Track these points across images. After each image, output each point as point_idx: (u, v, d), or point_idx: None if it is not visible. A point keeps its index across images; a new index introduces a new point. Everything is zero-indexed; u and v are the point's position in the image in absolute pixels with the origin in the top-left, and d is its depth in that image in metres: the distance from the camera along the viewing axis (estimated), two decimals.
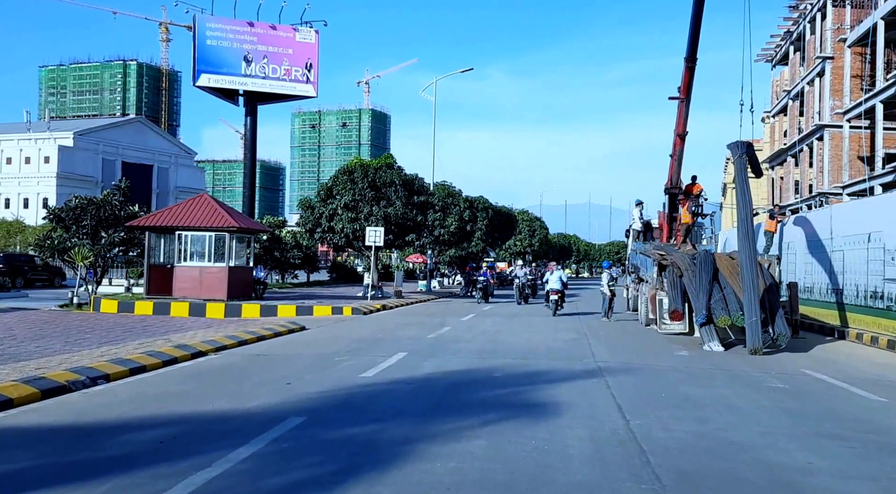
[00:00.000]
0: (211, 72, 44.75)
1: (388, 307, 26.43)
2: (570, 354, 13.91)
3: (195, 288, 25.08)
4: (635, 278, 24.54)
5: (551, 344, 15.79)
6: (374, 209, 30.53)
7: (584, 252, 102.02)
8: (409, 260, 66.83)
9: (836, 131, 41.83)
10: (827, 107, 42.22)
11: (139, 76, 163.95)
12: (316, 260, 43.00)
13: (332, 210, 31.01)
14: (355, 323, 20.28)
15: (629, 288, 26.61)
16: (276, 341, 15.76)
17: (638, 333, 18.54)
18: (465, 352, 13.88)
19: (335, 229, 30.96)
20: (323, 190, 31.78)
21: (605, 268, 23.99)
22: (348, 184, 31.17)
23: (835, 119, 41.87)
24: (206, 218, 25.45)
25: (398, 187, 31.31)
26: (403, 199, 31.18)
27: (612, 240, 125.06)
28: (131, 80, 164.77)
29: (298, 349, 14.25)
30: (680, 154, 25.18)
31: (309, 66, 46.93)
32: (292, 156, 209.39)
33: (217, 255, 25.51)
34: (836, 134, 41.72)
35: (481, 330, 18.54)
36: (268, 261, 38.45)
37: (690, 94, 24.75)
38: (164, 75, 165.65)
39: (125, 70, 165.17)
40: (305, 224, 31.59)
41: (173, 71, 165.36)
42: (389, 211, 30.59)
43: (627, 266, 27.17)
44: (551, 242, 77.88)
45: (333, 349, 14.14)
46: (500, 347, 14.89)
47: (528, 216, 66.63)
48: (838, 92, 41.84)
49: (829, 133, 41.93)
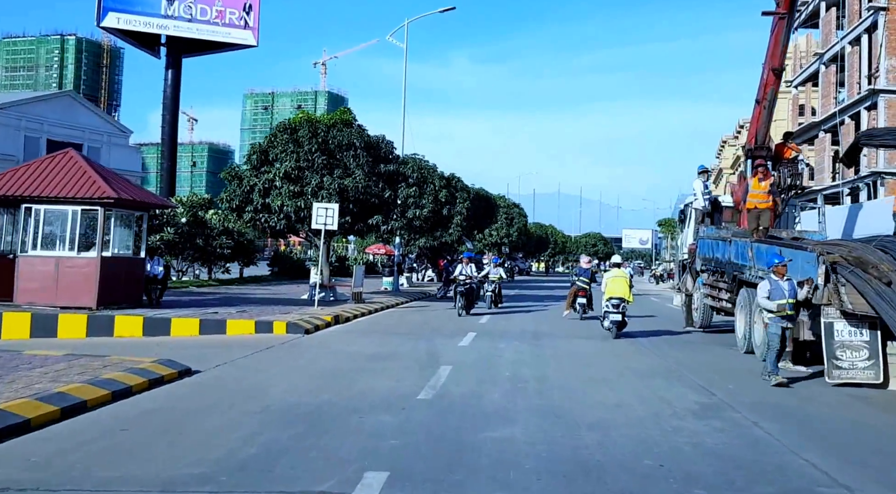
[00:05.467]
0: (121, 9, 35.39)
1: (344, 318, 18.11)
2: (759, 474, 5.84)
3: (49, 289, 16.45)
4: (710, 280, 16.60)
5: (680, 427, 7.59)
6: (325, 180, 22.14)
7: (561, 244, 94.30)
8: (368, 251, 58.32)
9: (893, 98, 34.45)
10: (883, 68, 34.80)
11: (77, 52, 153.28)
12: (252, 249, 34.28)
13: (267, 181, 22.53)
14: (286, 357, 11.96)
15: (685, 293, 18.65)
16: (100, 414, 7.44)
17: (785, 388, 10.48)
18: (518, 470, 5.74)
19: (272, 207, 22.50)
20: (255, 154, 23.26)
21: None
22: (290, 145, 22.68)
23: (893, 81, 34.48)
24: (69, 184, 16.80)
25: (359, 151, 22.94)
26: (366, 168, 22.84)
27: (587, 232, 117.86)
28: (69, 57, 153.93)
29: (116, 457, 5.90)
30: (772, 99, 17.27)
31: (248, 8, 37.88)
32: (242, 139, 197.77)
33: (84, 241, 16.92)
34: (893, 101, 34.35)
35: (508, 377, 10.35)
36: (186, 252, 29.75)
37: (795, 6, 16.90)
38: (105, 51, 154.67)
39: (63, 45, 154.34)
40: (231, 200, 23.08)
41: (115, 47, 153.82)
42: (347, 182, 22.23)
43: (687, 262, 19.12)
44: (530, 233, 70.00)
45: (201, 456, 5.86)
46: (584, 444, 6.69)
47: (506, 202, 58.58)
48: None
49: (885, 100, 34.54)
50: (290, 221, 23.02)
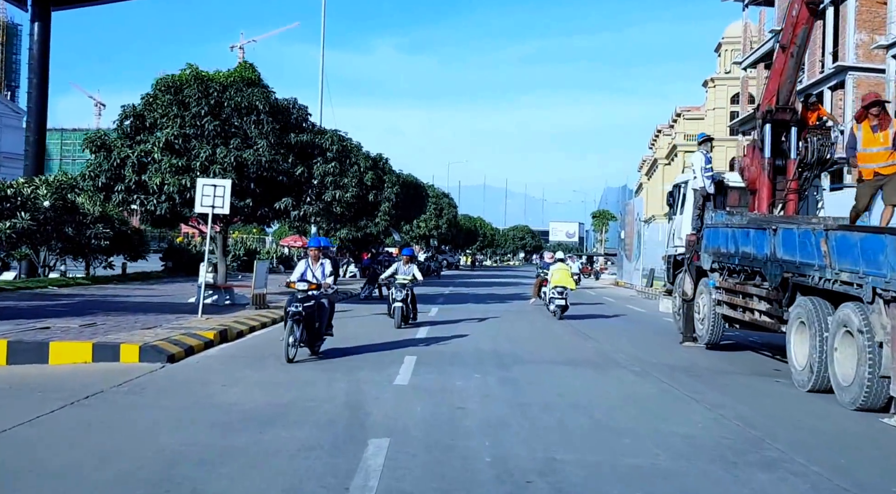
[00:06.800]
0: None
1: (234, 333, 13.25)
2: None
3: None
4: (728, 283, 12.51)
5: None
6: (218, 152, 17.20)
7: (490, 237, 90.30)
8: (284, 243, 53.00)
9: (862, 76, 31.43)
10: (850, 44, 31.75)
11: None
12: (141, 240, 28.73)
13: (144, 153, 17.44)
14: (97, 425, 6.97)
15: (683, 298, 14.56)
16: None
17: None
18: None
19: (149, 187, 17.42)
20: (129, 118, 18.08)
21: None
22: (174, 108, 17.62)
23: (863, 59, 31.44)
24: None
25: (262, 117, 18.03)
26: (272, 138, 17.96)
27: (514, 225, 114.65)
28: None
29: None
30: (802, 43, 13.22)
31: None
32: None
33: None
34: (863, 80, 31.32)
35: (489, 464, 5.84)
36: (53, 243, 24.22)
37: None
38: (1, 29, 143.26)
39: None
40: (96, 177, 17.87)
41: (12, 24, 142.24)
42: (247, 155, 17.33)
43: (685, 258, 14.89)
44: (460, 225, 65.75)
45: None
46: None
47: (435, 191, 54.13)
48: (868, 23, 31.42)
49: (853, 78, 31.51)
50: (174, 205, 17.98)
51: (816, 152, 13.22)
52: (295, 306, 10.78)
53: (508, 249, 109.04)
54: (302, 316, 10.74)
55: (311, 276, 11.18)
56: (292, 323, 10.70)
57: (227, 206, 15.39)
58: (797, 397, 9.26)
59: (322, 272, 11.30)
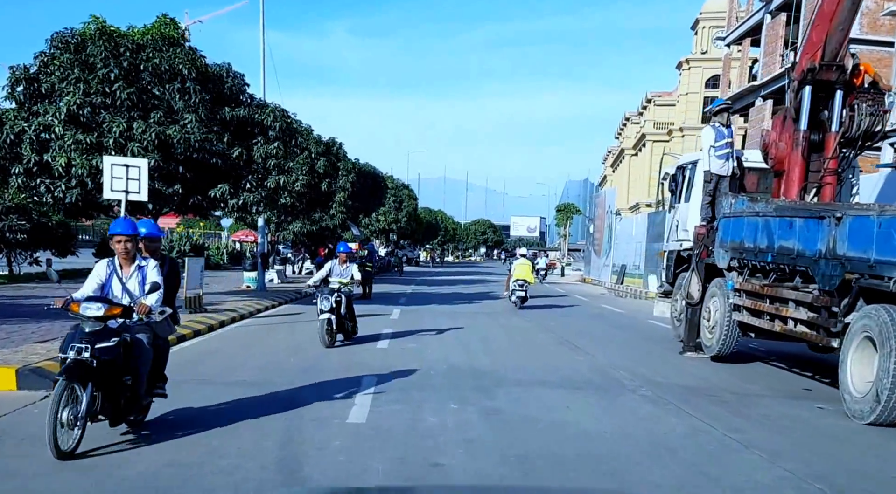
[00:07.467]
0: None
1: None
2: None
3: None
4: (751, 285, 10.27)
5: None
6: (136, 126, 14.45)
7: (451, 231, 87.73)
8: (235, 237, 49.90)
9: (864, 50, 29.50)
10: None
11: None
12: (67, 234, 25.56)
13: (43, 126, 14.60)
14: None
15: (688, 302, 12.28)
16: None
17: None
18: None
19: (53, 169, 14.61)
20: (20, 82, 15.12)
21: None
22: (75, 69, 14.75)
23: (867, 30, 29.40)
24: None
25: (190, 85, 15.29)
26: (202, 112, 15.25)
27: (476, 219, 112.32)
28: None
29: None
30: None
31: None
32: None
33: None
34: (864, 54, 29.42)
35: None
36: None
37: None
38: None
39: None
40: None
41: None
42: (172, 132, 14.60)
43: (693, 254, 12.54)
44: (420, 218, 63.17)
45: None
46: None
47: (394, 183, 51.47)
48: None
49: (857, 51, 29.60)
50: (86, 190, 15.19)
51: (864, 123, 10.93)
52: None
53: (470, 244, 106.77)
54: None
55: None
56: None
57: (143, 192, 12.73)
58: (863, 434, 7.08)
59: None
